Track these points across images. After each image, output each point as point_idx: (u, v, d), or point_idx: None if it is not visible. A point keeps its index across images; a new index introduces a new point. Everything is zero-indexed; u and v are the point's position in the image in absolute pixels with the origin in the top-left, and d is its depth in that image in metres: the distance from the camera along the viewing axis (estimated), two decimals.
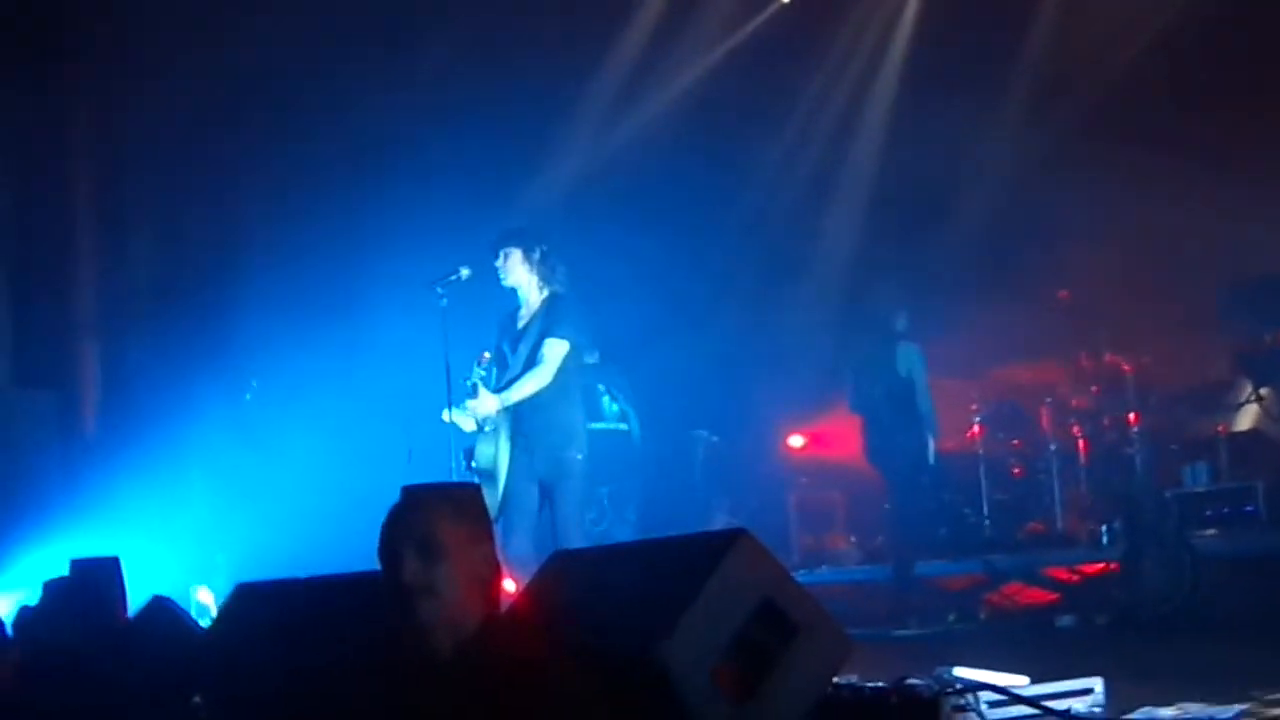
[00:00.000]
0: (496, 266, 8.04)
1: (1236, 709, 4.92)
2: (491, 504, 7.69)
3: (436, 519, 3.40)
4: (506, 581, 5.88)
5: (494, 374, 8.02)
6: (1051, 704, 4.82)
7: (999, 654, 6.02)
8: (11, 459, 10.78)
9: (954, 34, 12.72)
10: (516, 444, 7.84)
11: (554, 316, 7.89)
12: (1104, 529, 10.74)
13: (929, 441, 10.18)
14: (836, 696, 4.34)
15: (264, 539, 10.25)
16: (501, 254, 8.02)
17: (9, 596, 8.75)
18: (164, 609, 5.35)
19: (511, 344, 8.02)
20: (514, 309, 8.11)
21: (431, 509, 3.43)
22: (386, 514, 3.45)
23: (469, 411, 7.93)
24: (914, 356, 10.26)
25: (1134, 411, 11.21)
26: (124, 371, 11.82)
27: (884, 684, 4.64)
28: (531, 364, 7.85)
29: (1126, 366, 11.37)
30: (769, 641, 3.75)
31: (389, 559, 3.41)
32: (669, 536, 4.15)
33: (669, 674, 3.55)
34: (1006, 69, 13.01)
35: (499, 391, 7.87)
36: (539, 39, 12.18)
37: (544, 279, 8.01)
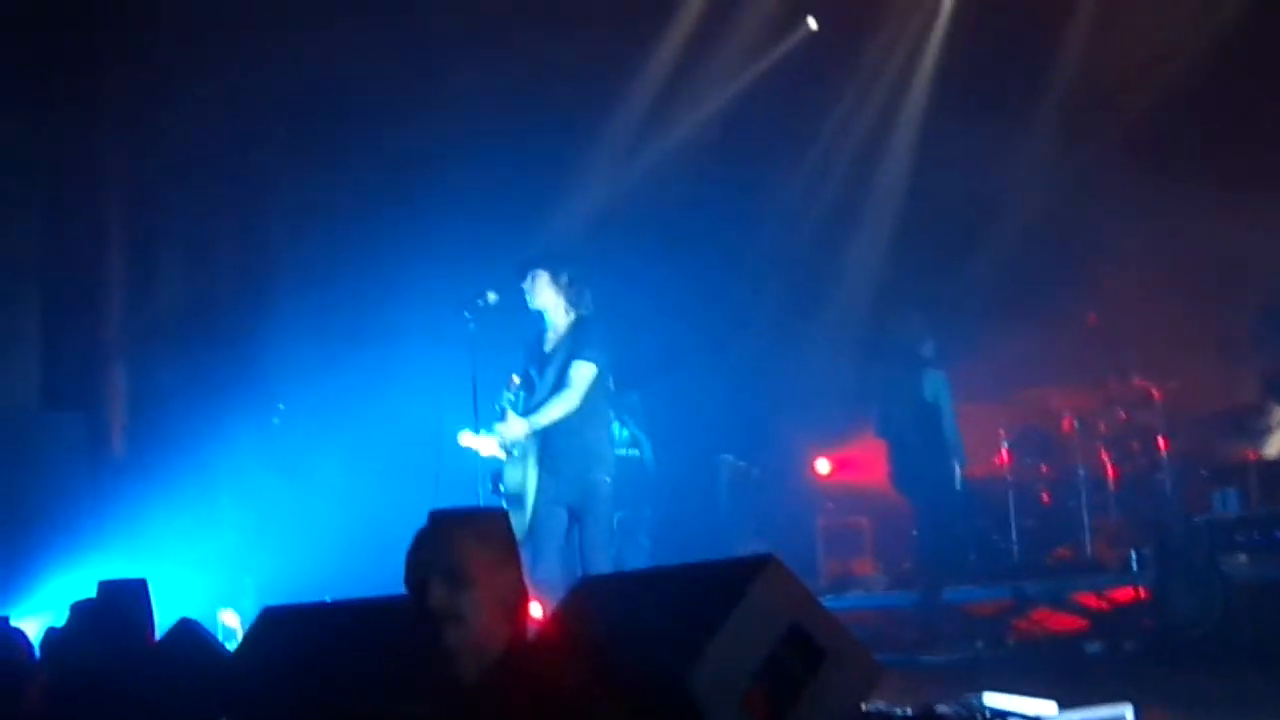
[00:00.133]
0: (523, 288, 8.06)
1: None
2: (519, 528, 7.69)
3: (463, 546, 3.39)
4: (534, 606, 5.87)
5: (521, 398, 8.02)
6: None
7: (1027, 680, 5.99)
8: (40, 481, 10.81)
9: (980, 59, 12.70)
10: (544, 467, 7.85)
11: (581, 340, 7.90)
12: (1133, 555, 10.64)
13: (955, 467, 10.14)
14: None
15: (291, 563, 10.27)
16: (529, 276, 8.03)
17: (37, 619, 8.78)
18: (191, 632, 5.36)
19: (538, 367, 8.03)
20: (540, 332, 8.12)
21: (458, 535, 3.42)
22: (413, 540, 3.44)
23: (497, 435, 7.93)
24: (940, 383, 10.23)
25: (1163, 436, 11.15)
26: (153, 395, 11.85)
27: (912, 710, 4.62)
28: (559, 388, 7.85)
29: (1155, 391, 11.31)
30: (797, 667, 3.73)
31: (416, 585, 3.40)
32: (697, 562, 4.12)
33: (696, 700, 3.53)
34: (1034, 94, 12.98)
35: (527, 415, 7.87)
36: (565, 67, 12.19)
37: (571, 302, 8.03)
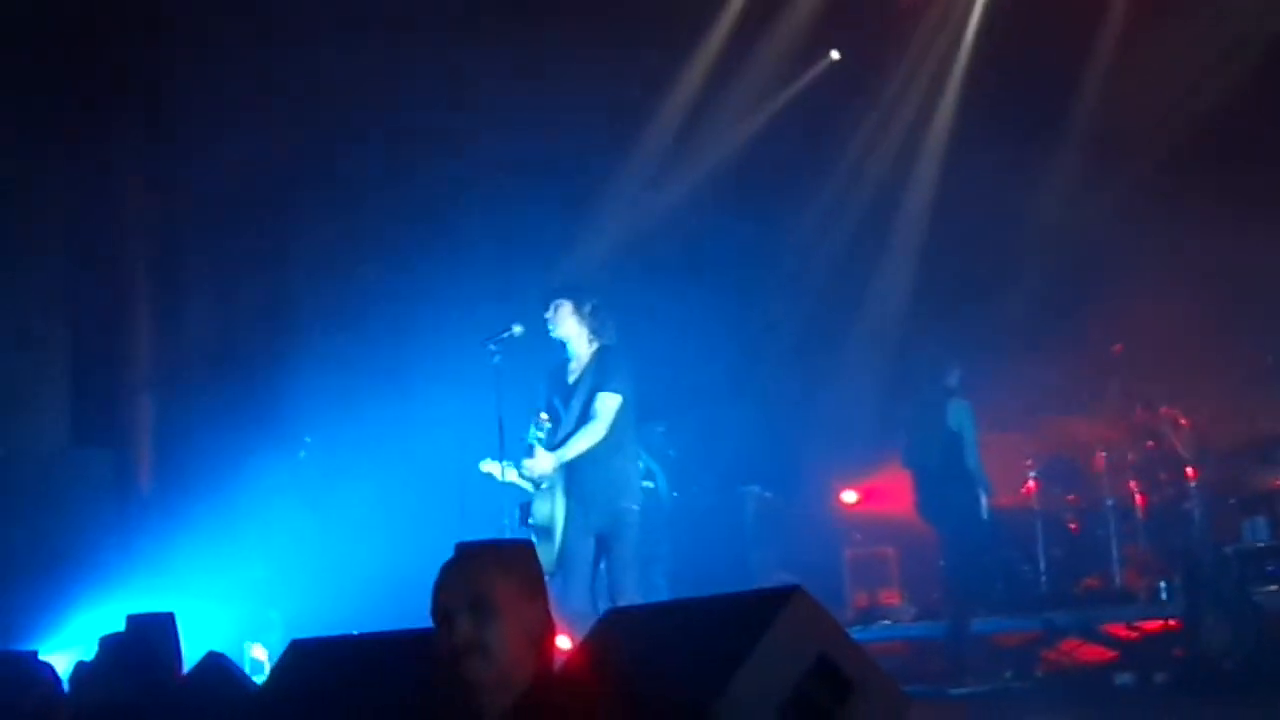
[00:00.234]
0: (546, 318, 8.06)
1: None
2: (548, 560, 7.71)
3: (488, 578, 3.38)
4: (561, 638, 5.87)
5: (547, 431, 8.03)
6: None
7: (1057, 712, 5.96)
8: (69, 517, 10.85)
9: (1004, 90, 12.72)
10: (572, 497, 7.85)
11: (605, 370, 7.90)
12: (1163, 585, 10.60)
13: (981, 497, 10.11)
14: None
15: (318, 596, 10.28)
16: (552, 306, 8.04)
17: (66, 653, 8.79)
18: (218, 666, 5.35)
19: (563, 398, 8.03)
20: (563, 361, 8.12)
21: (483, 567, 3.41)
22: (438, 572, 3.44)
23: (525, 471, 7.94)
24: (964, 413, 10.20)
25: (1191, 466, 11.09)
26: (179, 430, 11.90)
27: None
28: (585, 420, 7.86)
29: (1183, 420, 11.26)
30: (824, 699, 3.70)
31: (441, 618, 3.39)
32: (723, 593, 4.11)
33: None
34: (1058, 125, 12.98)
35: (554, 449, 7.88)
36: (587, 101, 12.26)
37: (594, 332, 8.03)
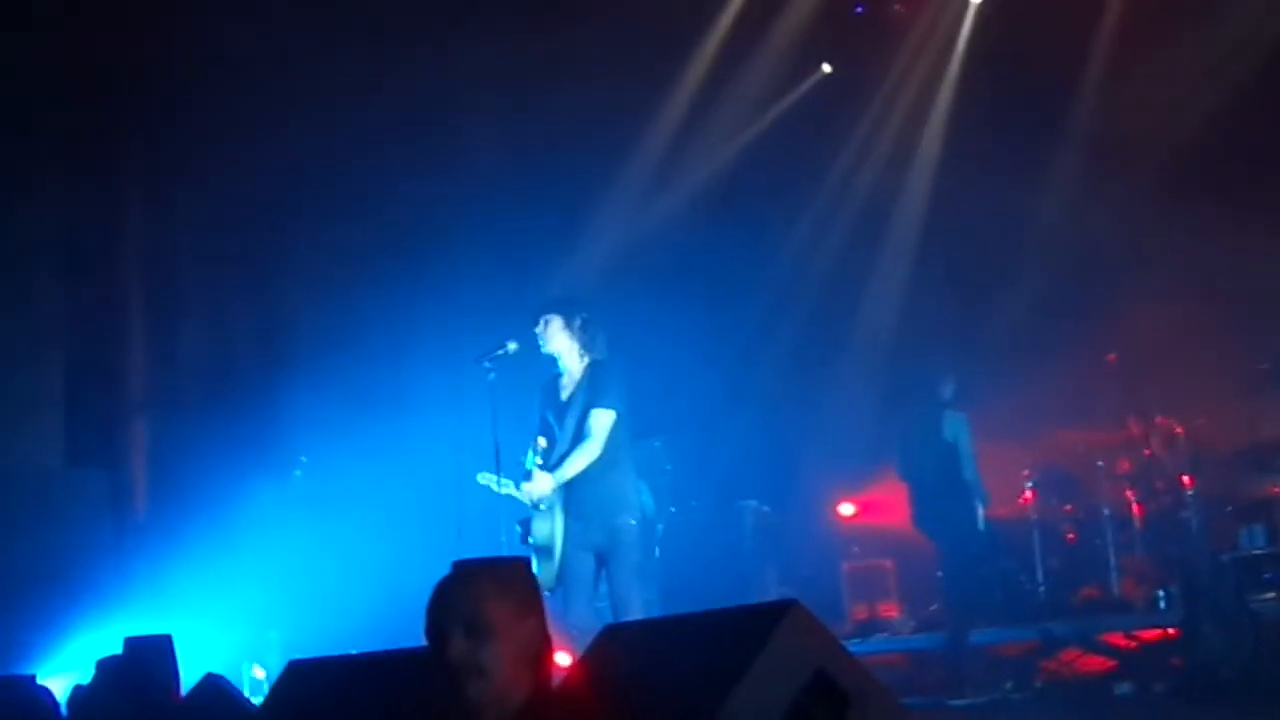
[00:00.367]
0: (536, 333, 8.06)
1: None
2: (548, 577, 7.71)
3: (483, 597, 3.36)
4: (561, 654, 5.86)
5: (543, 452, 8.03)
6: None
7: None
8: (65, 539, 10.84)
9: (999, 95, 12.73)
10: (570, 514, 7.84)
11: (598, 386, 7.88)
12: (1161, 594, 10.60)
13: (978, 508, 10.11)
14: None
15: (316, 616, 10.27)
16: (542, 321, 8.02)
17: (63, 677, 8.77)
18: (216, 687, 5.35)
19: (556, 415, 8.02)
20: (555, 376, 8.10)
21: (477, 587, 3.39)
22: (432, 591, 3.43)
23: (524, 494, 7.93)
24: (960, 424, 10.21)
25: (1187, 474, 11.10)
26: (175, 452, 11.89)
27: None
28: (580, 438, 7.85)
29: (1179, 429, 11.28)
30: (822, 713, 3.70)
31: (436, 638, 3.37)
32: (721, 608, 4.11)
33: None
34: (1054, 133, 13.00)
35: (551, 470, 7.88)
36: (579, 115, 12.28)
37: (585, 347, 8.00)
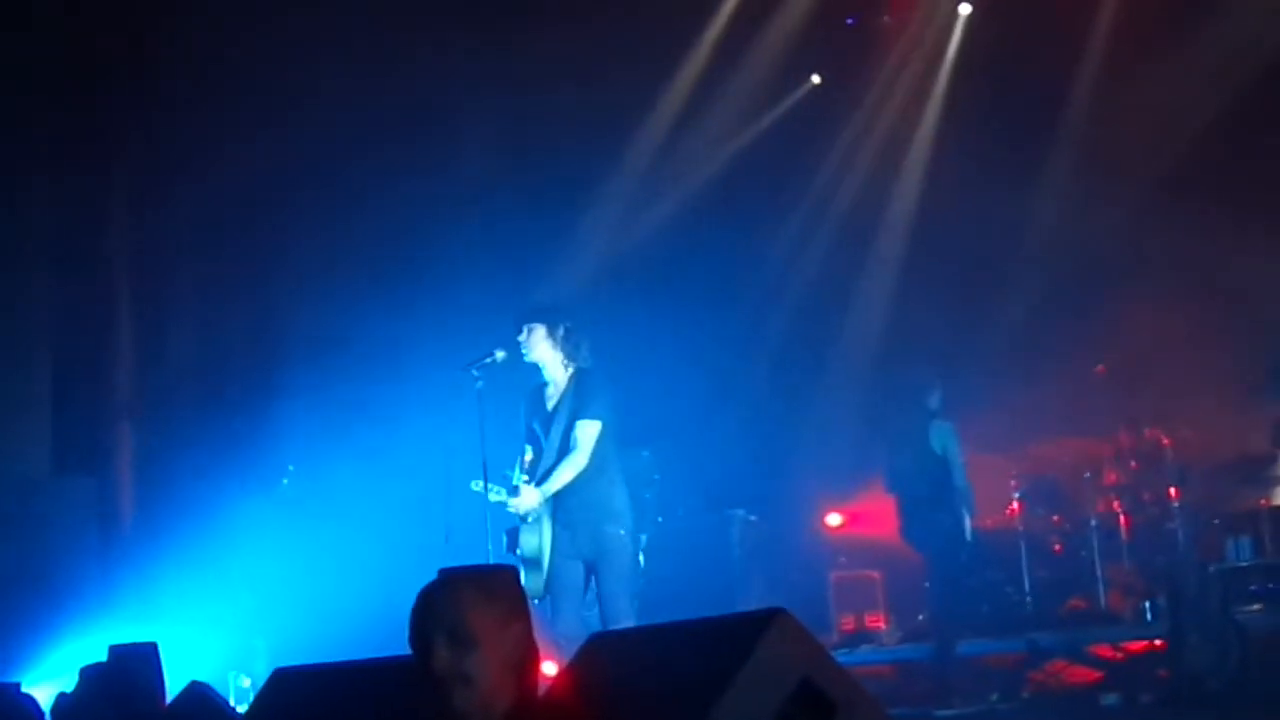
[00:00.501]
0: (519, 341, 8.03)
1: None
2: (536, 587, 7.70)
3: (467, 605, 3.35)
4: (548, 663, 5.84)
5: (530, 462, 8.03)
6: None
7: None
8: (50, 546, 10.80)
9: (989, 103, 12.76)
10: (558, 523, 7.83)
11: (583, 396, 7.86)
12: (1147, 605, 10.62)
13: (965, 518, 10.10)
14: None
15: (303, 624, 10.24)
16: (525, 329, 7.99)
17: (48, 685, 8.74)
18: (201, 695, 5.33)
19: (543, 424, 8.00)
20: (540, 385, 8.09)
21: (461, 594, 3.37)
22: (416, 599, 3.41)
23: (512, 509, 7.91)
24: (947, 434, 10.20)
25: (1174, 485, 11.12)
26: (162, 459, 11.86)
27: None
28: (565, 449, 7.83)
29: (1166, 440, 11.29)
30: None
31: (420, 647, 3.35)
32: (707, 616, 4.10)
33: None
34: (1044, 142, 13.03)
35: (539, 485, 7.86)
36: (568, 123, 12.29)
37: (568, 355, 7.98)
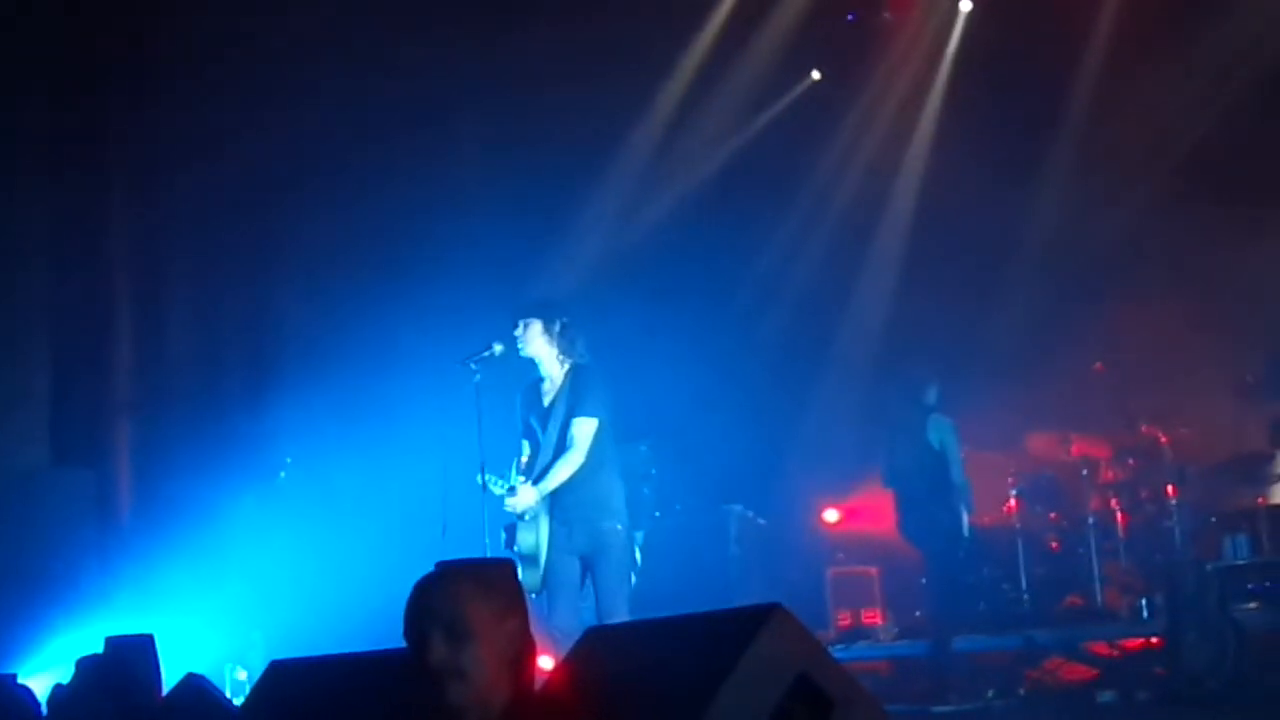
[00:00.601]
0: (515, 336, 8.02)
1: None
2: (533, 583, 7.70)
3: (462, 598, 3.32)
4: (544, 658, 5.84)
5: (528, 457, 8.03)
6: None
7: None
8: (48, 538, 10.78)
9: (990, 103, 12.75)
10: (554, 518, 7.83)
11: (579, 393, 7.84)
12: (1144, 603, 10.63)
13: (963, 514, 10.11)
14: None
15: (300, 617, 10.24)
16: (521, 324, 7.98)
17: (44, 676, 8.74)
18: (198, 687, 5.33)
19: (540, 420, 7.99)
20: (537, 380, 8.08)
21: (457, 588, 3.35)
22: (411, 592, 3.38)
23: (509, 508, 7.92)
24: (945, 430, 10.21)
25: (1172, 483, 11.12)
26: (160, 451, 11.84)
27: None
28: (562, 447, 7.83)
29: (1163, 438, 11.29)
30: (806, 718, 3.70)
31: (415, 641, 3.33)
32: (704, 611, 4.10)
33: None
34: (1045, 141, 13.02)
35: (536, 483, 7.86)
36: (566, 120, 12.28)
37: (564, 351, 7.97)
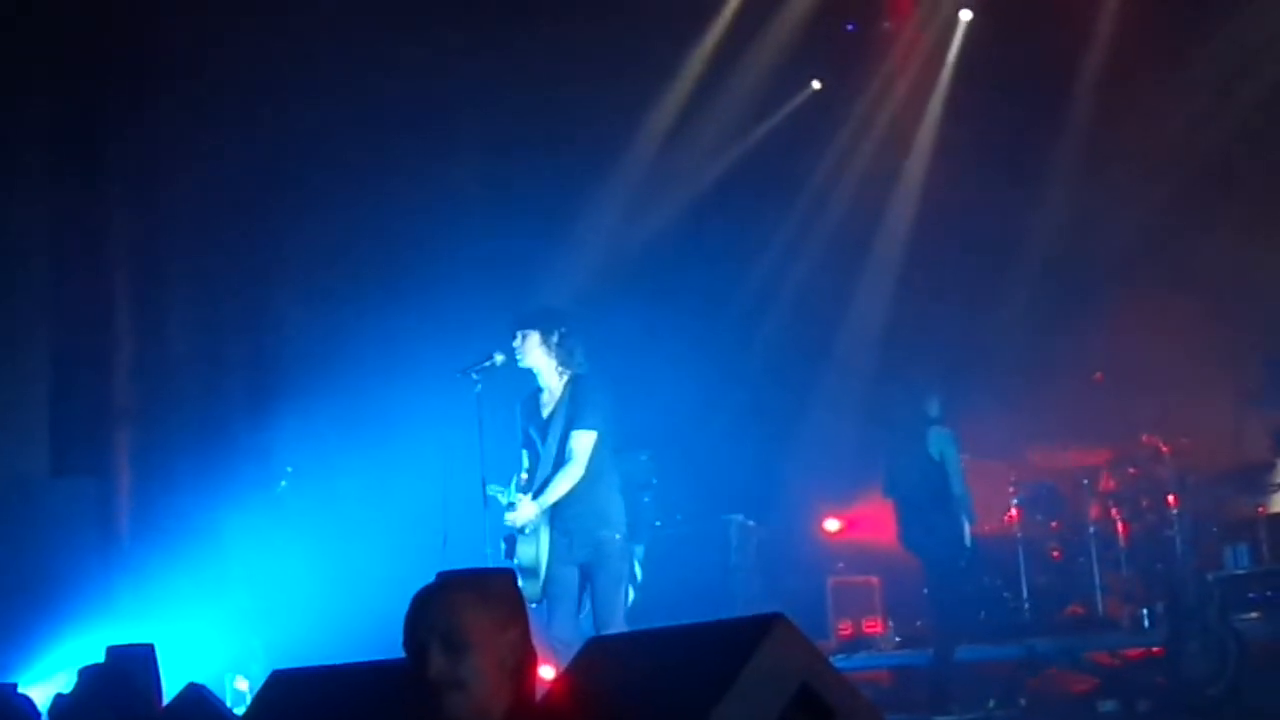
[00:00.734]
0: (514, 347, 8.01)
1: None
2: (533, 594, 7.70)
3: (461, 607, 3.31)
4: (545, 667, 5.84)
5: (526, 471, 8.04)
6: None
7: None
8: (48, 547, 10.78)
9: (990, 111, 12.76)
10: (554, 528, 7.82)
11: (578, 404, 7.82)
12: (1145, 612, 10.63)
13: (964, 525, 10.11)
14: None
15: (301, 626, 10.23)
16: (519, 335, 7.96)
17: (45, 685, 8.74)
18: (199, 697, 5.32)
19: (539, 431, 7.99)
20: (536, 391, 8.06)
21: (454, 599, 3.33)
22: (410, 603, 3.38)
23: (510, 522, 7.91)
24: (946, 440, 10.20)
25: (1173, 493, 11.11)
26: (160, 460, 11.84)
27: None
28: (562, 459, 7.83)
29: (1164, 447, 11.29)
30: None
31: (414, 652, 3.31)
32: (706, 621, 4.10)
33: None
34: (1045, 149, 13.03)
35: (535, 496, 7.86)
36: (567, 126, 12.30)
37: (563, 362, 7.94)
